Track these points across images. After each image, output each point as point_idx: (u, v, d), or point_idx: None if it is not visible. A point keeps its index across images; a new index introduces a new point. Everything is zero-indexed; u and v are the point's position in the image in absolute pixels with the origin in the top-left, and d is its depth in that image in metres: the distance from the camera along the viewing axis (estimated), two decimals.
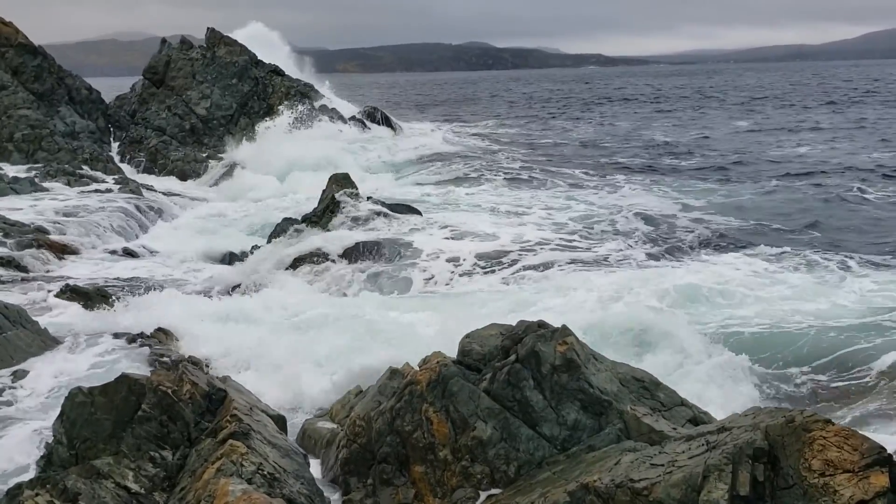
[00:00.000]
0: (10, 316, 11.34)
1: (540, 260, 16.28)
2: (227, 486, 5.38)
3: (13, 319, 11.30)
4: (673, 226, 19.77)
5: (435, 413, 7.36)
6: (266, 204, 25.80)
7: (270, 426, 6.84)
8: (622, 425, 6.83)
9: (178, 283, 15.66)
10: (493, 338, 7.94)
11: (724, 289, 13.30)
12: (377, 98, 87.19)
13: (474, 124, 55.22)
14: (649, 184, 27.00)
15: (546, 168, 32.06)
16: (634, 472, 5.55)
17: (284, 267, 16.40)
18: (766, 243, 17.19)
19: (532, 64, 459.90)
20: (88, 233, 19.64)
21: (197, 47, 37.93)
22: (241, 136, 33.67)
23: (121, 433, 6.67)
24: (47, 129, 29.41)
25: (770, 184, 26.49)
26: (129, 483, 6.30)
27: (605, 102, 79.06)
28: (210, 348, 11.26)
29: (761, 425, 5.33)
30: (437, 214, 21.75)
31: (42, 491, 6.13)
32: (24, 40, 32.29)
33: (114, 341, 11.35)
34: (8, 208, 21.20)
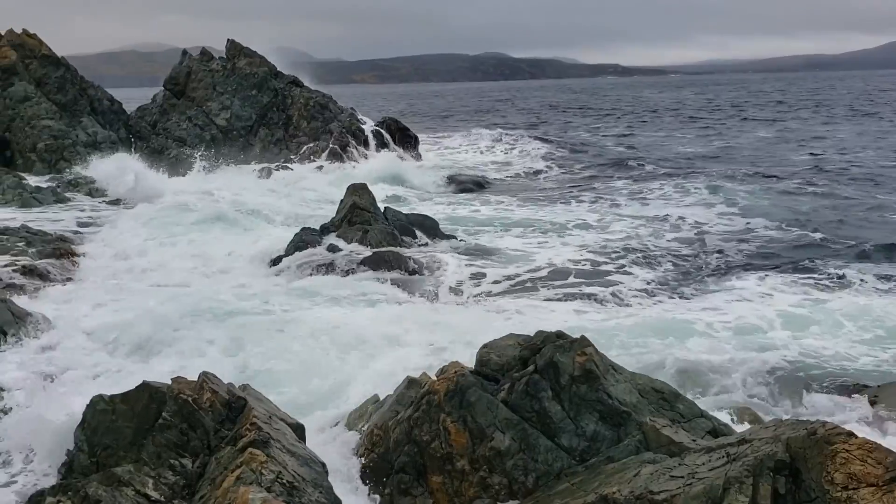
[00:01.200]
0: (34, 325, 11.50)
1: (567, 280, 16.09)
2: (247, 494, 5.40)
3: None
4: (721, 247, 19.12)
5: (453, 423, 7.36)
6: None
7: (289, 434, 6.85)
8: (641, 437, 6.80)
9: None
10: (511, 348, 7.94)
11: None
12: (403, 109, 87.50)
13: (495, 133, 55.33)
14: (690, 195, 26.79)
15: (577, 179, 32.07)
16: (654, 483, 5.52)
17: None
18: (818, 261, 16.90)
19: (549, 74, 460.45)
20: (109, 243, 19.80)
21: (217, 59, 38.28)
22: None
23: (141, 441, 6.72)
24: (70, 139, 29.79)
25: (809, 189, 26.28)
26: (150, 491, 6.33)
27: (628, 112, 78.91)
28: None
29: (783, 437, 5.29)
30: (456, 227, 21.82)
31: (64, 498, 6.18)
32: (47, 52, 32.73)
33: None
34: (30, 218, 21.49)
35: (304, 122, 36.51)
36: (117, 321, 12.34)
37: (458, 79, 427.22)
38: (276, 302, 14.08)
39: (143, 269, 16.86)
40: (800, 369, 10.75)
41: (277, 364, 10.94)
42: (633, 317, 13.16)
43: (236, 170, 31.66)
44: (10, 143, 29.39)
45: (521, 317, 13.39)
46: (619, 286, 15.59)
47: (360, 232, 18.37)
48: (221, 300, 13.79)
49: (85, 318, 12.70)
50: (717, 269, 17.00)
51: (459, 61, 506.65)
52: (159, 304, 13.31)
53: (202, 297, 14.04)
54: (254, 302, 13.97)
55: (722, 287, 15.31)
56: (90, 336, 11.78)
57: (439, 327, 12.54)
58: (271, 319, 12.95)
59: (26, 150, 29.17)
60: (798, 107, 76.65)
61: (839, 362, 11.02)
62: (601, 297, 14.82)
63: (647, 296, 14.96)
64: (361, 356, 11.21)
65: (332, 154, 34.43)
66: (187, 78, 37.04)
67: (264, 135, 35.90)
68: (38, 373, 10.08)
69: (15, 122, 29.87)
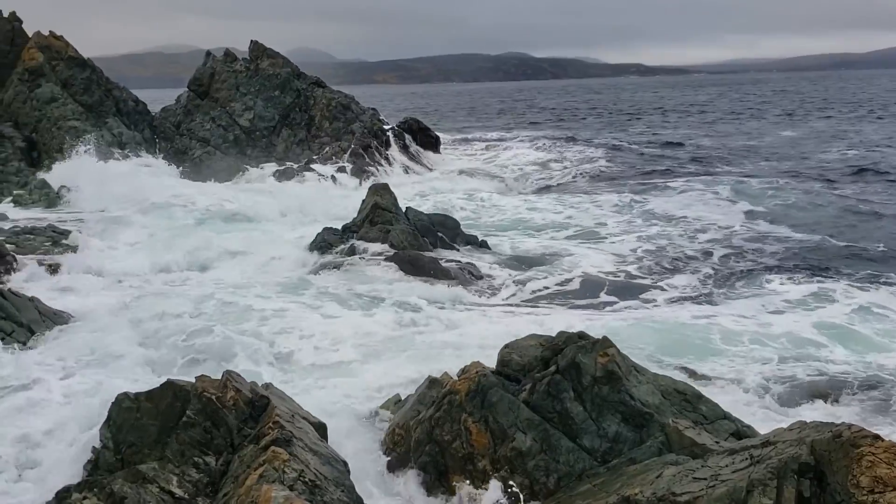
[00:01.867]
0: (60, 322, 11.66)
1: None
2: (270, 492, 5.43)
3: (62, 325, 11.61)
4: (762, 251, 18.82)
5: (474, 423, 7.37)
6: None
7: (312, 433, 6.89)
8: (664, 438, 6.77)
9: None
10: (532, 348, 7.93)
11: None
12: (423, 108, 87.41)
13: (519, 133, 55.23)
14: (716, 194, 26.54)
15: (605, 179, 31.92)
16: (677, 485, 5.49)
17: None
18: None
19: (571, 74, 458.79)
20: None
21: (240, 59, 38.51)
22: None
23: (166, 439, 6.78)
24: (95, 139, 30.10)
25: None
26: (174, 488, 6.39)
27: (655, 112, 78.38)
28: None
29: (807, 440, 5.23)
30: (476, 227, 21.82)
31: (90, 494, 6.26)
32: (73, 53, 33.09)
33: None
34: (57, 217, 21.79)
35: (326, 122, 36.63)
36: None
37: (480, 79, 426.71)
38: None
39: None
40: (839, 378, 10.59)
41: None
42: (661, 322, 13.06)
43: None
44: (36, 144, 29.74)
45: (546, 319, 13.36)
46: (650, 291, 15.48)
47: (382, 232, 18.42)
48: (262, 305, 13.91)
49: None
50: (748, 273, 16.75)
51: (481, 61, 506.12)
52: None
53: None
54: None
55: (754, 292, 15.08)
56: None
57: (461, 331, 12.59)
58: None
59: (53, 151, 29.51)
60: (826, 106, 75.76)
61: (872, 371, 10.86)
62: (629, 302, 14.74)
63: (679, 301, 14.80)
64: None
65: (354, 154, 34.53)
66: (211, 79, 37.30)
67: (287, 135, 36.07)
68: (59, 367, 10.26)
69: (42, 123, 30.24)
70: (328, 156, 34.77)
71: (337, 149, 35.06)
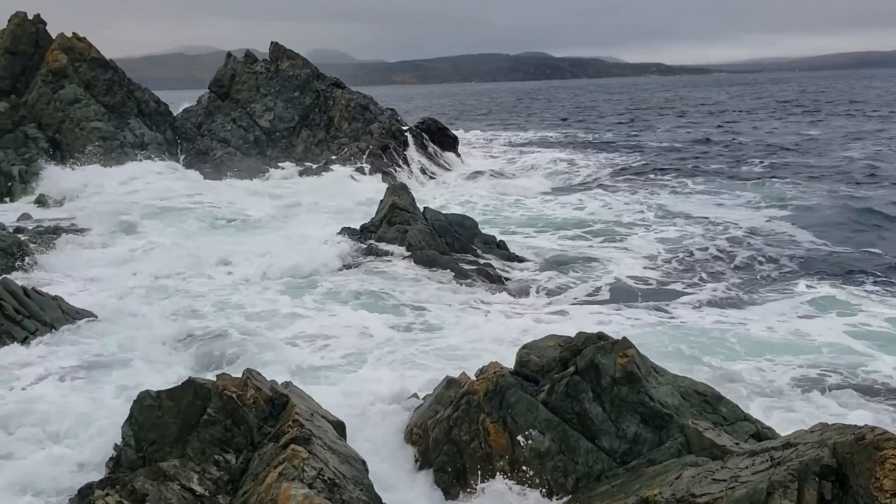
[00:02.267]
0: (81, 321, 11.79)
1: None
2: (290, 490, 5.47)
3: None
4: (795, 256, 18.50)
5: (492, 423, 7.37)
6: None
7: (331, 432, 6.93)
8: (683, 439, 6.73)
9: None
10: (551, 349, 7.91)
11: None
12: (443, 108, 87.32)
13: (539, 132, 55.10)
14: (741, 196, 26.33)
15: (636, 179, 31.75)
16: (696, 486, 5.46)
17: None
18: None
19: (590, 73, 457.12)
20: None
21: (261, 61, 38.74)
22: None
23: (186, 436, 6.84)
24: (118, 140, 30.41)
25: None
26: (194, 485, 6.45)
27: (676, 111, 77.86)
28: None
29: (829, 442, 5.19)
30: (492, 227, 21.80)
31: (112, 491, 6.33)
32: (96, 55, 33.44)
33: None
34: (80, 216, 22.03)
35: (345, 123, 36.76)
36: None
37: (499, 79, 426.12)
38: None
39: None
40: (881, 384, 10.46)
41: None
42: (687, 326, 12.96)
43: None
44: (60, 145, 30.10)
45: (565, 320, 13.34)
46: (674, 293, 15.38)
47: (400, 232, 18.45)
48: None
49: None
50: (774, 276, 16.58)
51: (500, 61, 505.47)
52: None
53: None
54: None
55: (782, 296, 14.91)
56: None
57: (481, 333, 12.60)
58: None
59: (76, 152, 29.84)
60: (851, 105, 74.94)
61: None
62: (653, 304, 14.64)
63: (705, 304, 14.64)
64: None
65: (372, 155, 34.62)
66: (232, 80, 37.55)
67: (306, 136, 36.23)
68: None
69: (65, 124, 30.59)
70: (347, 156, 34.89)
71: (355, 149, 35.17)
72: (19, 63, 33.56)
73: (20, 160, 27.90)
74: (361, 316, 13.47)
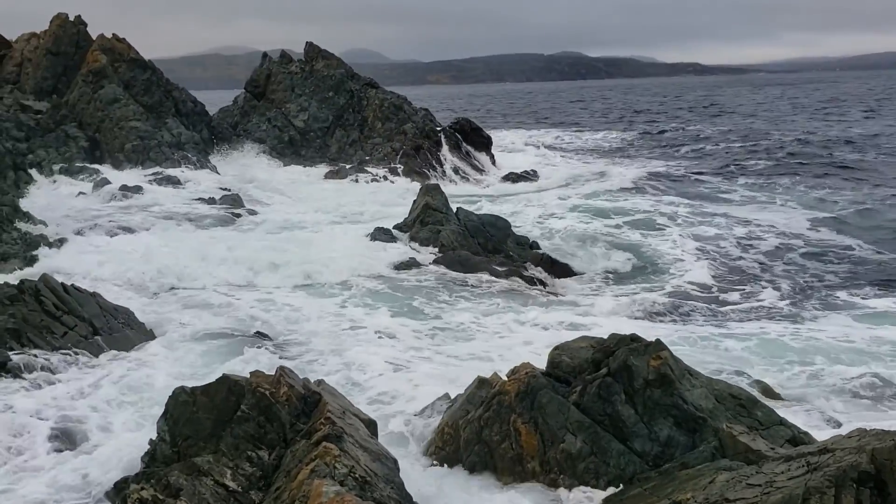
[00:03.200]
0: (119, 317, 11.99)
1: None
2: (321, 487, 5.51)
3: (122, 320, 11.94)
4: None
5: (523, 424, 7.35)
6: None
7: (362, 430, 6.96)
8: (717, 443, 6.65)
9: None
10: (583, 350, 7.87)
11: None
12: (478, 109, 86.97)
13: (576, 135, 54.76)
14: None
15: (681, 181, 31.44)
16: (730, 491, 5.39)
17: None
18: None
19: (626, 73, 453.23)
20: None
21: (296, 61, 39.07)
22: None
23: (220, 432, 6.91)
24: (155, 139, 30.85)
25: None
26: (228, 481, 6.52)
27: (714, 112, 76.82)
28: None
29: (867, 448, 5.09)
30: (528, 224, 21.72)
31: (147, 485, 6.42)
32: (135, 55, 33.98)
33: (215, 342, 11.85)
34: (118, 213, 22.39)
35: (378, 123, 36.91)
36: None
37: (533, 78, 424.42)
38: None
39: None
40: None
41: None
42: (742, 335, 12.75)
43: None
44: (99, 144, 30.63)
45: (601, 322, 13.24)
46: (722, 300, 15.19)
47: (433, 232, 18.49)
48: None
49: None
50: (829, 282, 16.31)
51: (534, 61, 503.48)
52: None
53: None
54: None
55: (840, 303, 14.69)
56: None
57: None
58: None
59: (115, 151, 30.33)
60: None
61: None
62: (698, 311, 14.48)
63: (761, 311, 14.46)
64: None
65: (406, 155, 34.71)
66: (267, 80, 37.92)
67: (340, 136, 36.45)
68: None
69: (104, 123, 31.11)
70: (380, 157, 35.03)
71: (389, 149, 35.30)
72: (61, 63, 34.26)
73: (61, 158, 28.44)
74: (389, 315, 13.53)
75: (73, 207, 22.66)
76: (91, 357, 10.71)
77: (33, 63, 34.70)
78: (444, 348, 11.98)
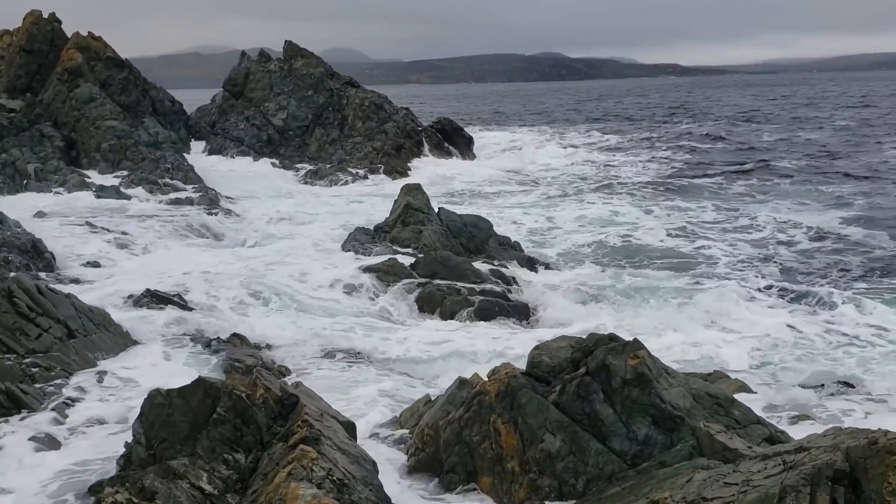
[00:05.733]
0: (95, 319, 11.83)
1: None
2: (298, 490, 5.46)
3: (97, 322, 11.78)
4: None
5: (503, 424, 7.34)
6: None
7: (340, 432, 6.92)
8: (695, 442, 6.67)
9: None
10: (562, 350, 7.87)
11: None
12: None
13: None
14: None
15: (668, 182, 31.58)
16: (707, 490, 5.41)
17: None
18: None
19: (606, 74, 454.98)
20: (166, 237, 20.26)
21: (275, 60, 38.92)
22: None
23: (196, 435, 6.84)
24: (132, 139, 30.58)
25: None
26: (204, 484, 6.45)
27: (700, 112, 77.11)
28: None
29: (842, 446, 5.13)
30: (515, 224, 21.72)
31: (121, 489, 6.34)
32: (112, 54, 33.69)
33: (192, 344, 11.74)
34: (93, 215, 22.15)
35: (359, 122, 36.83)
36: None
37: (514, 79, 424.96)
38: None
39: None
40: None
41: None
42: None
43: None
44: (75, 143, 30.32)
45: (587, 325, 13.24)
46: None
47: (414, 232, 18.44)
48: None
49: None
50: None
51: (515, 61, 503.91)
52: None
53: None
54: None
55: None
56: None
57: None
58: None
59: (91, 150, 30.04)
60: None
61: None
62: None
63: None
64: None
65: (386, 154, 34.66)
66: (245, 79, 37.74)
67: (320, 135, 36.34)
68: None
69: (80, 123, 30.80)
70: (361, 156, 34.96)
71: (369, 149, 35.24)
72: (35, 61, 33.86)
73: (35, 158, 28.10)
74: (368, 318, 13.47)
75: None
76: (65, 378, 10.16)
77: (6, 61, 34.26)
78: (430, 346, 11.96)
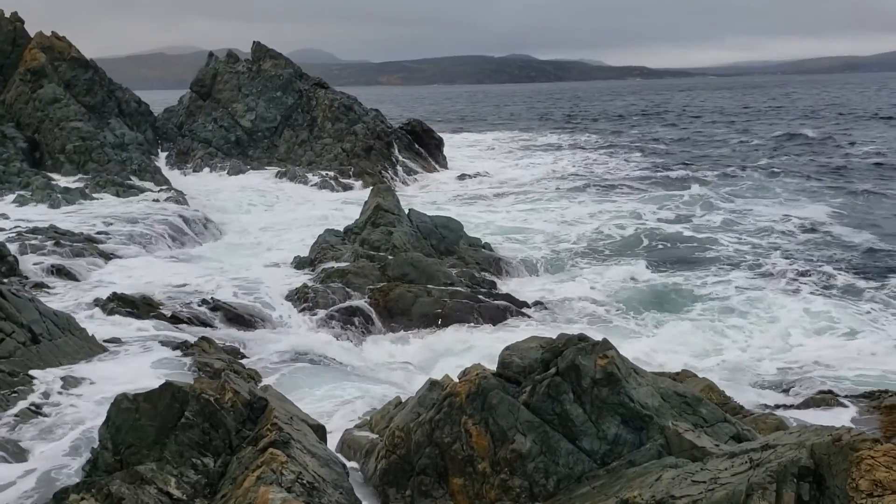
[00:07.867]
0: (60, 323, 11.64)
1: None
2: (268, 494, 5.42)
3: (62, 326, 11.59)
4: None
5: (474, 425, 7.34)
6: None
7: (310, 435, 6.87)
8: (663, 441, 6.73)
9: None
10: (533, 350, 7.89)
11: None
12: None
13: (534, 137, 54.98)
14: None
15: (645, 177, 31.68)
16: (675, 488, 5.46)
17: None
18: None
19: (575, 76, 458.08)
20: (134, 241, 20.01)
21: (243, 61, 38.61)
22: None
23: (164, 439, 6.76)
24: (97, 140, 30.12)
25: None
26: (172, 489, 6.37)
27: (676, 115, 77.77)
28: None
29: (807, 443, 5.21)
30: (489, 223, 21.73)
31: (87, 495, 6.23)
32: (76, 54, 33.16)
33: (160, 349, 11.59)
34: (59, 218, 21.77)
35: (328, 123, 36.66)
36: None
37: (484, 81, 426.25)
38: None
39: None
40: None
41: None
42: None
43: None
44: (39, 145, 29.79)
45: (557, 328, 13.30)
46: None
47: (385, 234, 18.39)
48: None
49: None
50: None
51: (485, 63, 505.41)
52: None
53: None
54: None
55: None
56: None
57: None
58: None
59: (55, 152, 29.54)
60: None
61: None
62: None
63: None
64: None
65: (356, 156, 34.53)
66: (213, 80, 37.38)
67: (289, 136, 36.11)
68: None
69: (44, 124, 30.28)
70: (331, 157, 34.81)
71: (339, 150, 35.10)
72: None
73: None
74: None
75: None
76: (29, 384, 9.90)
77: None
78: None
